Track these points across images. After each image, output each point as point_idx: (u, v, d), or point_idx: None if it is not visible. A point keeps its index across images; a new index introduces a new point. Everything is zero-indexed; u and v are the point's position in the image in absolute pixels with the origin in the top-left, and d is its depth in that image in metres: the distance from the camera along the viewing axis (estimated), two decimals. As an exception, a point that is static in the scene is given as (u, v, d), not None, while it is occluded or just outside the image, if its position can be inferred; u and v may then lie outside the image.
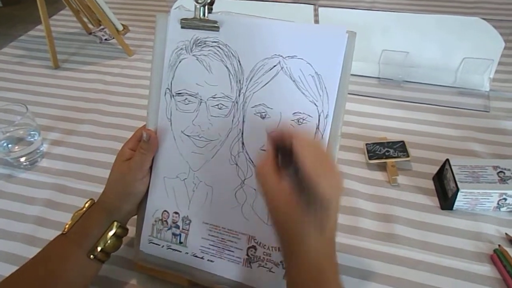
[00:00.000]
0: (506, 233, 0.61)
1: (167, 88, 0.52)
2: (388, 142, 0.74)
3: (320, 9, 0.84)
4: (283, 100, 0.47)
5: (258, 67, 0.48)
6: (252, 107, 0.49)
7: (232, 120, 0.50)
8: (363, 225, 0.64)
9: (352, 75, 0.91)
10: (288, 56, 0.47)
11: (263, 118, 0.48)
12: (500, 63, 0.82)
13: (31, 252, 0.51)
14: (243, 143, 0.50)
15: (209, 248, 0.52)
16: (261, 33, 0.47)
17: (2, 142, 0.78)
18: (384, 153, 0.73)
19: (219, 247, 0.52)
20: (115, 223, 0.53)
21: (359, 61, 0.89)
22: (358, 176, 0.71)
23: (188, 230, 0.53)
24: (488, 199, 0.63)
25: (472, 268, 0.57)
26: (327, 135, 0.47)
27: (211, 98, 0.50)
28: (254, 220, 0.51)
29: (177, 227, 0.54)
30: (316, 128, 0.47)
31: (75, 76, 1.02)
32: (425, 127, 0.79)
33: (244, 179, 0.51)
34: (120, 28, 1.02)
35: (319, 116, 0.47)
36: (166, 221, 0.54)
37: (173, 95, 0.52)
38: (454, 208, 0.64)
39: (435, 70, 0.85)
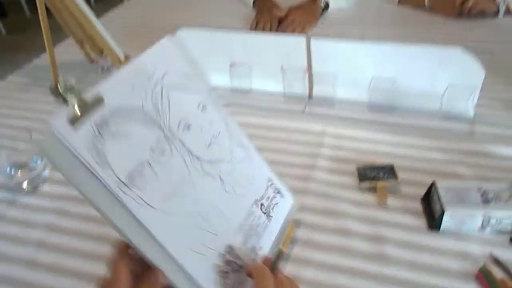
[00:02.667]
0: (490, 253, 0.63)
1: (116, 184, 0.47)
2: (378, 166, 0.77)
3: (312, 40, 0.89)
4: (185, 104, 0.53)
5: (154, 100, 0.51)
6: (177, 128, 0.52)
7: (177, 150, 0.52)
8: (354, 245, 0.66)
9: (342, 101, 0.96)
10: (162, 77, 0.52)
11: (189, 128, 0.53)
12: (483, 90, 0.86)
13: (32, 276, 0.52)
14: (197, 158, 0.54)
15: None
16: (132, 76, 0.50)
17: (5, 167, 0.81)
18: (375, 176, 0.76)
19: (252, 232, 0.57)
20: None
21: (350, 87, 0.93)
22: (350, 199, 0.74)
23: (237, 254, 0.55)
24: (473, 220, 0.65)
25: (458, 286, 0.60)
26: (216, 100, 0.57)
27: (151, 152, 0.50)
28: (246, 191, 0.58)
29: (232, 262, 0.55)
30: (212, 102, 0.56)
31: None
32: (413, 151, 0.82)
33: (220, 176, 0.56)
34: (122, 57, 1.06)
35: (207, 94, 0.57)
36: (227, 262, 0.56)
37: (127, 184, 0.48)
38: (441, 229, 0.67)
39: (422, 96, 0.89)
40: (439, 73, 0.86)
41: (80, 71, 1.18)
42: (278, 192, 0.62)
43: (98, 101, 0.46)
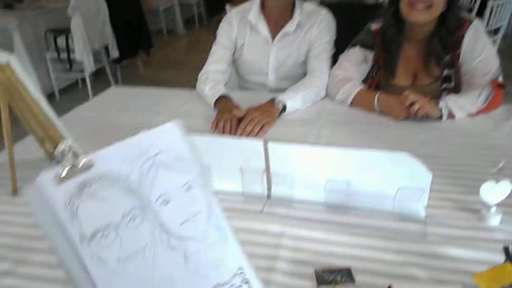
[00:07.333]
0: None
1: (80, 237, 0.53)
2: (336, 269, 0.78)
3: (269, 143, 0.93)
4: (171, 182, 0.58)
5: (141, 173, 0.57)
6: (155, 201, 0.57)
7: (149, 221, 0.57)
8: None
9: (299, 202, 0.98)
10: (156, 154, 0.58)
11: (167, 203, 0.58)
12: (432, 191, 0.91)
13: None
14: (167, 231, 0.58)
15: None
16: (127, 149, 0.57)
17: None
18: (332, 279, 0.76)
19: None
20: None
21: (306, 188, 0.96)
22: (308, 304, 0.74)
23: None
24: (429, 325, 0.66)
25: None
26: (206, 185, 0.61)
27: (122, 218, 0.56)
28: (209, 272, 0.59)
29: None
30: (199, 185, 0.60)
31: (33, 203, 1.03)
32: (369, 252, 0.84)
33: (185, 253, 0.58)
34: (83, 157, 1.07)
35: (196, 177, 0.61)
36: None
37: (89, 239, 0.54)
38: (399, 336, 0.67)
39: (375, 198, 0.93)
40: (390, 176, 0.90)
41: (40, 169, 1.17)
42: (246, 283, 0.62)
43: (88, 165, 0.54)
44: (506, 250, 0.68)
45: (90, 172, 0.55)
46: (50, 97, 3.91)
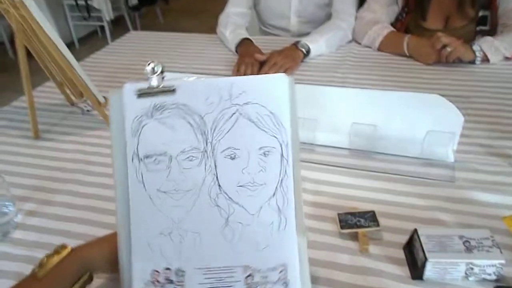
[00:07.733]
0: (475, 304, 0.62)
1: (134, 153, 0.54)
2: (359, 212, 0.76)
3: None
4: (248, 139, 0.53)
5: (219, 117, 0.53)
6: (221, 152, 0.53)
7: (205, 168, 0.53)
8: (335, 296, 0.64)
9: (323, 146, 0.95)
10: (244, 103, 0.53)
11: (233, 159, 0.53)
12: (462, 135, 0.87)
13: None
14: (219, 186, 0.53)
15: None
16: (215, 88, 0.53)
17: (-25, 213, 0.78)
18: (356, 222, 0.74)
19: (218, 287, 0.53)
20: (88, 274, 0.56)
21: (330, 132, 0.93)
22: (331, 245, 0.73)
23: (183, 282, 0.53)
24: (455, 268, 0.64)
25: None
26: (290, 160, 0.53)
27: (181, 153, 0.53)
28: (245, 251, 0.53)
29: (171, 282, 0.54)
30: (281, 156, 0.53)
31: (55, 146, 1.04)
32: (394, 197, 0.82)
33: (228, 217, 0.53)
34: (102, 100, 1.06)
35: (281, 145, 0.53)
36: (157, 280, 0.54)
37: (141, 159, 0.54)
38: (424, 278, 0.65)
39: (402, 142, 0.89)
40: (419, 119, 0.86)
41: (60, 113, 1.17)
42: (284, 283, 0.53)
43: (170, 91, 0.53)
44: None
45: (170, 98, 0.53)
46: (69, 46, 3.85)
